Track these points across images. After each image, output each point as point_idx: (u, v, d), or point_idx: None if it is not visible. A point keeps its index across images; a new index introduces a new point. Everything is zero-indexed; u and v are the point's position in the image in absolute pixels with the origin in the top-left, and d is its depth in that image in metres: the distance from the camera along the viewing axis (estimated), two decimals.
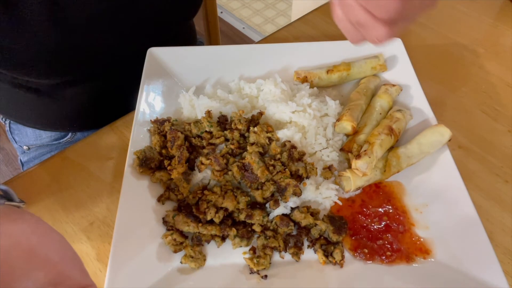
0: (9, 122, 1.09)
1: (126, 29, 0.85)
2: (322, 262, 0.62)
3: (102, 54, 0.87)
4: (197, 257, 0.62)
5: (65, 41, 0.77)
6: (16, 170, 2.21)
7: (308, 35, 1.01)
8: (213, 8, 1.34)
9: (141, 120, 0.74)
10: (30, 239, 0.41)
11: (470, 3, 1.07)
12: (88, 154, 0.79)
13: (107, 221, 0.69)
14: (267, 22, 3.04)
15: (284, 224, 0.64)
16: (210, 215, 0.63)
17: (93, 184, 0.74)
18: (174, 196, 0.67)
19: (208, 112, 0.74)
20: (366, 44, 0.56)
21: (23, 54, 0.75)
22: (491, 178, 0.74)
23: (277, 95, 0.77)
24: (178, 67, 0.85)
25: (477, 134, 0.80)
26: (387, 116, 0.76)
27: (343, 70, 0.82)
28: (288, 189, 0.65)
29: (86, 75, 0.91)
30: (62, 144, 1.07)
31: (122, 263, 0.58)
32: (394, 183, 0.70)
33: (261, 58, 0.85)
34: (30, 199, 0.72)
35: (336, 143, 0.75)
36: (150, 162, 0.69)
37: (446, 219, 0.64)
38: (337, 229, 0.64)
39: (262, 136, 0.69)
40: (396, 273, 0.60)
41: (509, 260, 0.64)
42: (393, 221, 0.65)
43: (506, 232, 0.67)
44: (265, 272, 0.61)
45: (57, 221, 0.69)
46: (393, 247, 0.62)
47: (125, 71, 0.94)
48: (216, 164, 0.67)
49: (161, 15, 0.89)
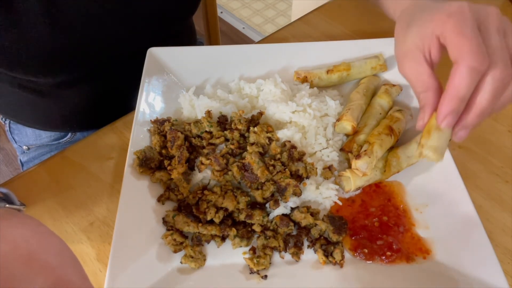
0: (9, 122, 1.09)
1: (123, 29, 0.85)
2: (322, 262, 0.62)
3: (101, 53, 0.87)
4: (197, 257, 0.62)
5: (63, 40, 0.77)
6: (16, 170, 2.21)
7: (308, 35, 1.01)
8: (213, 8, 1.34)
9: (141, 120, 0.74)
10: (30, 244, 0.41)
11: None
12: (88, 154, 0.79)
13: (107, 221, 0.69)
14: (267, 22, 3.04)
15: (284, 224, 0.64)
16: (210, 215, 0.63)
17: (93, 184, 0.74)
18: (174, 196, 0.67)
19: (208, 112, 0.74)
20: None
21: (21, 53, 0.75)
22: (491, 178, 0.74)
23: (277, 95, 0.77)
24: (178, 67, 0.85)
25: (477, 134, 0.80)
26: (387, 116, 0.76)
27: (343, 70, 0.82)
28: (288, 189, 0.65)
29: (85, 75, 0.91)
30: (62, 144, 1.07)
31: (122, 263, 0.58)
32: (394, 183, 0.70)
33: (261, 58, 0.85)
34: (30, 199, 0.72)
35: (336, 143, 0.75)
36: (150, 162, 0.69)
37: (446, 219, 0.64)
38: (337, 229, 0.64)
39: (262, 136, 0.69)
40: (396, 273, 0.60)
41: (509, 260, 0.64)
42: (393, 221, 0.65)
43: (506, 232, 0.67)
44: (265, 272, 0.61)
45: (57, 221, 0.69)
46: (393, 247, 0.62)
47: (124, 71, 0.94)
48: (216, 164, 0.67)
49: (159, 13, 0.89)
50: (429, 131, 0.56)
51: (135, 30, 0.87)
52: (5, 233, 0.41)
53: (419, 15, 0.57)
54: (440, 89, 0.54)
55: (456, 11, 0.51)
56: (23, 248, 0.40)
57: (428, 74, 0.54)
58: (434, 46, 0.53)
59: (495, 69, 0.49)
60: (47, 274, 0.39)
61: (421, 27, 0.55)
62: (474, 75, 0.48)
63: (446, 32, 0.50)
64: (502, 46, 0.50)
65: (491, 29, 0.50)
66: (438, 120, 0.53)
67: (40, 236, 0.43)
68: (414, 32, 0.55)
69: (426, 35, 0.53)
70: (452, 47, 0.50)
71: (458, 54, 0.49)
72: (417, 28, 0.55)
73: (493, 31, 0.50)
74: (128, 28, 0.86)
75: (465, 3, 0.51)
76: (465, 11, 0.50)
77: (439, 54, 0.54)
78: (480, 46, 0.48)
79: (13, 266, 0.38)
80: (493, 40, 0.50)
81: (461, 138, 0.54)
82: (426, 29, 0.53)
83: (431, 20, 0.53)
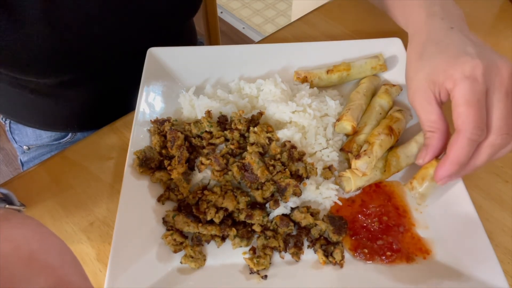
0: (9, 122, 1.09)
1: (123, 28, 0.85)
2: (322, 262, 0.62)
3: (101, 53, 0.87)
4: (197, 257, 0.62)
5: (62, 39, 0.77)
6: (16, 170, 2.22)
7: (308, 35, 1.01)
8: (213, 8, 1.34)
9: (141, 120, 0.74)
10: (31, 244, 0.41)
11: (470, 3, 1.07)
12: (88, 154, 0.79)
13: (107, 221, 0.69)
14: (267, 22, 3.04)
15: (284, 224, 0.64)
16: (210, 215, 0.63)
17: (93, 184, 0.74)
18: (174, 196, 0.67)
19: (208, 112, 0.74)
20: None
21: (20, 53, 0.75)
22: (491, 178, 0.74)
23: (277, 95, 0.77)
24: (178, 67, 0.85)
25: None
26: (387, 116, 0.76)
27: (343, 70, 0.82)
28: (288, 189, 0.65)
29: (85, 75, 0.91)
30: (62, 144, 1.07)
31: (122, 263, 0.58)
32: (394, 183, 0.70)
33: (261, 58, 0.85)
34: (30, 199, 0.72)
35: (336, 143, 0.75)
36: (150, 162, 0.69)
37: (446, 219, 0.64)
38: (337, 229, 0.64)
39: (262, 136, 0.69)
40: (396, 273, 0.60)
41: (509, 260, 0.64)
42: (393, 221, 0.65)
43: (506, 232, 0.67)
44: (265, 272, 0.61)
45: (57, 221, 0.70)
46: (393, 247, 0.62)
47: (124, 71, 0.94)
48: (216, 164, 0.67)
49: (160, 14, 0.89)
50: (423, 178, 0.63)
51: (135, 30, 0.87)
52: (6, 233, 0.41)
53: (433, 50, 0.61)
54: (447, 131, 0.60)
55: (470, 75, 0.54)
56: (24, 249, 0.40)
57: (437, 114, 0.59)
58: (443, 93, 0.58)
59: (494, 136, 0.55)
60: (48, 274, 0.39)
61: (433, 70, 0.59)
62: (472, 145, 0.55)
63: (456, 94, 0.55)
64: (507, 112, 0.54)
65: (500, 94, 0.54)
66: (435, 177, 0.59)
67: (40, 236, 0.43)
68: (426, 71, 0.60)
69: (437, 81, 0.58)
70: (457, 115, 0.55)
71: (461, 125, 0.54)
72: (430, 69, 0.59)
73: (501, 97, 0.54)
74: (128, 28, 0.86)
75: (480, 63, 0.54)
76: (478, 77, 0.54)
77: (447, 98, 0.59)
78: (482, 120, 0.54)
79: (14, 267, 0.38)
80: (498, 107, 0.54)
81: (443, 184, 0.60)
82: (438, 76, 0.57)
83: (444, 71, 0.57)
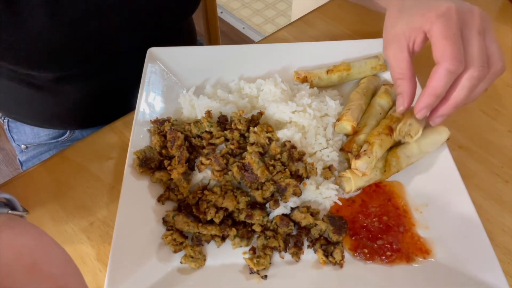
0: (7, 121, 1.09)
1: (124, 24, 0.85)
2: (322, 262, 0.62)
3: (101, 49, 0.87)
4: (197, 257, 0.62)
5: (63, 34, 0.77)
6: (16, 170, 2.21)
7: (308, 35, 1.01)
8: (213, 8, 1.34)
9: (141, 120, 0.74)
10: (33, 253, 0.41)
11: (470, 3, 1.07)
12: (88, 154, 0.79)
13: (107, 221, 0.69)
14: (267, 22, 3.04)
15: (284, 224, 0.64)
16: (210, 215, 0.63)
17: (93, 184, 0.74)
18: (174, 196, 0.67)
19: (208, 112, 0.74)
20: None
21: (22, 46, 0.75)
22: (491, 178, 0.74)
23: (277, 95, 0.77)
24: (178, 67, 0.85)
25: (477, 134, 0.80)
26: (387, 116, 0.76)
27: (343, 70, 0.82)
28: (288, 189, 0.65)
29: (84, 71, 0.91)
30: (60, 143, 1.07)
31: (122, 263, 0.58)
32: (394, 183, 0.70)
33: (261, 58, 0.85)
34: (30, 200, 0.72)
35: (336, 143, 0.75)
36: (150, 162, 0.69)
37: (446, 219, 0.64)
38: (337, 229, 0.64)
39: (262, 136, 0.69)
40: (396, 273, 0.60)
41: (509, 260, 0.64)
42: (393, 221, 0.65)
43: (506, 232, 0.67)
44: (265, 272, 0.61)
45: (57, 221, 0.69)
46: (393, 247, 0.62)
47: (124, 69, 0.94)
48: (216, 164, 0.67)
49: (160, 9, 0.89)
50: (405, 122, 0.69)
51: (135, 26, 0.87)
52: (9, 241, 0.41)
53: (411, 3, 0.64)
54: (414, 78, 0.64)
55: (445, 13, 0.58)
56: (27, 257, 0.40)
57: (407, 61, 0.63)
58: (419, 39, 0.61)
59: (472, 69, 0.57)
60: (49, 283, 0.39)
61: (411, 17, 0.62)
62: (450, 76, 0.57)
63: (433, 32, 0.58)
64: (481, 47, 0.58)
65: (473, 31, 0.58)
66: (415, 110, 0.63)
67: (43, 245, 0.43)
68: (405, 20, 0.63)
69: (414, 27, 0.61)
70: (436, 49, 0.58)
71: (440, 57, 0.57)
72: (408, 18, 0.63)
73: (475, 33, 0.58)
74: (128, 24, 0.86)
75: (453, 5, 0.59)
76: (452, 14, 0.58)
77: (421, 46, 0.63)
78: (459, 52, 0.56)
79: (16, 275, 0.38)
80: (472, 42, 0.58)
81: (437, 124, 0.65)
82: (415, 22, 0.61)
83: (422, 15, 0.60)
